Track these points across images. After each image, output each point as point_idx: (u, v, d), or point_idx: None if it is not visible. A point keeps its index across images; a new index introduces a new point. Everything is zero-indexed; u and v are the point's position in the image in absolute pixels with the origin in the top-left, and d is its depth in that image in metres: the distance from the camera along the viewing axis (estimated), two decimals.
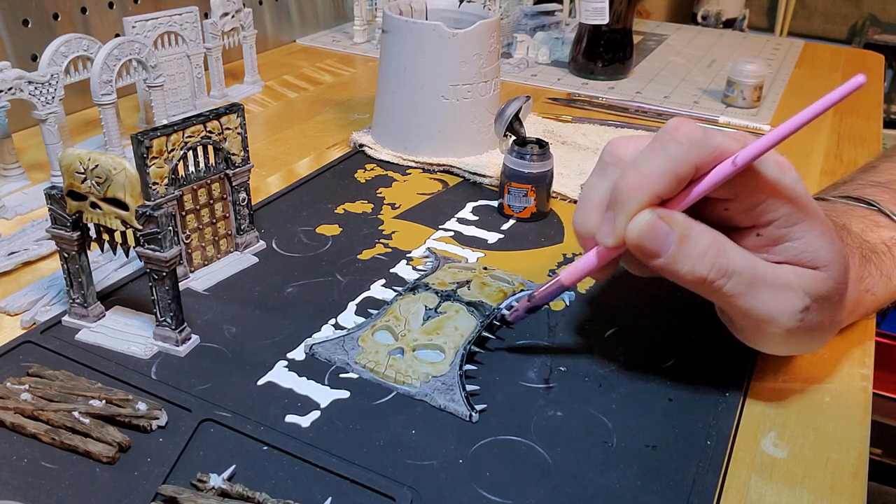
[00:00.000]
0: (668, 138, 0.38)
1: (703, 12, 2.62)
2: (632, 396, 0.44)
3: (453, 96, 0.71)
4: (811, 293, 0.40)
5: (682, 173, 0.38)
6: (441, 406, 0.43)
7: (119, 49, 0.67)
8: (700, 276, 0.39)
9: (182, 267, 0.53)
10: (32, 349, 0.46)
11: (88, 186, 0.44)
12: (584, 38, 1.02)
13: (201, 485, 0.37)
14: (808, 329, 0.41)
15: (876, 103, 0.99)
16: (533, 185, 0.63)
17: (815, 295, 0.40)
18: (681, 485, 0.38)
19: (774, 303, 0.39)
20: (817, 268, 0.40)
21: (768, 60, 1.14)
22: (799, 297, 0.40)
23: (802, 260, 0.40)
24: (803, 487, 0.39)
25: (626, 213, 0.39)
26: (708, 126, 0.40)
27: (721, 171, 0.38)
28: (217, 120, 0.51)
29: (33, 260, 0.56)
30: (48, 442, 0.39)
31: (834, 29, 2.82)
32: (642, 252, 0.39)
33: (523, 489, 0.38)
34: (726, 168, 0.38)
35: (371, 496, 0.37)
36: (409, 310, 0.49)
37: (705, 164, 0.38)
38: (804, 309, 0.40)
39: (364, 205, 0.66)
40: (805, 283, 0.40)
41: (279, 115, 0.87)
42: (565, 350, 0.48)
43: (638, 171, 0.39)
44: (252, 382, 0.44)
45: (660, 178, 0.38)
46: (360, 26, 1.14)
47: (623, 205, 0.39)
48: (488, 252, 0.59)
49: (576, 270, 0.43)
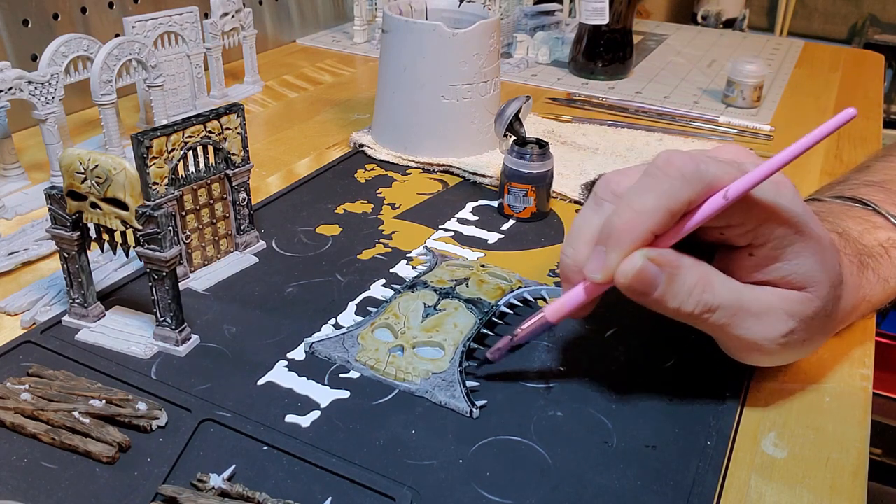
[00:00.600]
0: (660, 174, 0.38)
1: (703, 12, 2.62)
2: (632, 396, 0.44)
3: (453, 96, 0.71)
4: (796, 316, 0.40)
5: (674, 209, 0.38)
6: (442, 402, 0.43)
7: (119, 49, 0.67)
8: (686, 312, 0.39)
9: (182, 267, 0.53)
10: (32, 349, 0.46)
11: (88, 186, 0.44)
12: (584, 38, 1.02)
13: (201, 485, 0.37)
14: (797, 345, 0.42)
15: (876, 103, 0.99)
16: (533, 185, 0.63)
17: (801, 317, 0.40)
18: (681, 485, 0.39)
19: (759, 329, 0.40)
20: (804, 288, 0.40)
21: (768, 60, 1.14)
22: (783, 322, 0.40)
23: (791, 280, 0.40)
24: (803, 487, 0.39)
25: (619, 251, 0.39)
26: (699, 153, 0.39)
27: (712, 205, 0.38)
28: (217, 120, 0.51)
29: (33, 260, 0.56)
30: (48, 442, 0.39)
31: (834, 29, 2.82)
32: (632, 292, 0.39)
33: (523, 489, 0.38)
34: (717, 202, 0.38)
35: (371, 496, 0.37)
36: (408, 307, 0.49)
37: (698, 198, 0.38)
38: (788, 332, 0.40)
39: (364, 205, 0.66)
40: (790, 307, 0.40)
41: (279, 115, 0.87)
42: (565, 350, 0.48)
43: (631, 207, 0.38)
44: (252, 382, 0.44)
45: (653, 214, 0.38)
46: (360, 26, 1.14)
47: (617, 242, 0.39)
48: (488, 252, 0.59)
49: (562, 307, 0.42)
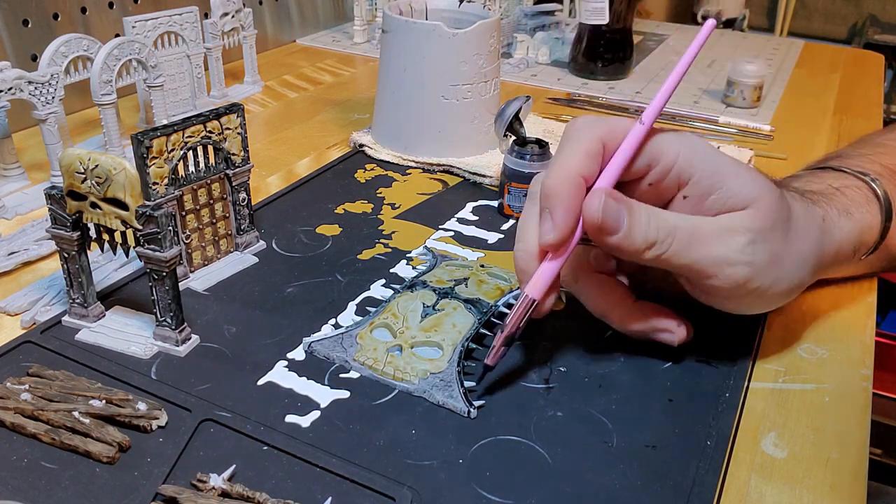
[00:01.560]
0: (570, 131, 0.42)
1: (703, 12, 2.62)
2: (632, 396, 0.44)
3: (453, 96, 0.71)
4: (750, 227, 0.41)
5: (592, 149, 0.41)
6: (439, 402, 0.43)
7: (119, 49, 0.67)
8: (651, 240, 0.41)
9: (182, 267, 0.53)
10: (32, 349, 0.46)
11: (88, 186, 0.44)
12: (584, 38, 1.02)
13: (201, 485, 0.37)
14: (769, 259, 0.42)
15: (876, 103, 0.99)
16: None
17: (755, 228, 0.42)
18: (681, 485, 0.38)
19: (720, 246, 0.41)
20: (748, 206, 0.42)
21: (768, 60, 1.14)
22: (740, 234, 0.41)
23: (732, 205, 0.42)
24: (803, 487, 0.39)
25: (561, 201, 0.41)
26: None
27: (633, 135, 0.42)
28: (217, 120, 0.51)
29: (33, 260, 0.56)
30: (48, 442, 0.39)
31: (834, 29, 2.82)
32: (602, 230, 0.41)
33: (523, 489, 0.38)
34: (637, 130, 0.42)
35: (371, 496, 0.37)
36: (407, 307, 0.49)
37: (609, 140, 0.42)
38: (750, 242, 0.41)
39: (364, 205, 0.66)
40: (742, 222, 0.42)
41: (279, 115, 0.87)
42: (565, 350, 0.48)
43: (555, 165, 0.42)
44: (252, 382, 0.44)
45: (573, 159, 0.41)
46: (360, 26, 1.14)
47: (555, 195, 0.41)
48: (488, 252, 0.59)
49: (538, 281, 0.43)
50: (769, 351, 0.48)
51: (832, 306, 0.53)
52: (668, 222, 0.41)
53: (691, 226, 0.42)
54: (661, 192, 0.43)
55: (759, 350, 0.48)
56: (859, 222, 0.48)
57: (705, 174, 0.42)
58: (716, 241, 0.41)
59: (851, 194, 0.49)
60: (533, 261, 0.43)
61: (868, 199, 0.49)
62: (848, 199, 0.49)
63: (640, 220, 0.41)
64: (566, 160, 0.41)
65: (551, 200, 0.41)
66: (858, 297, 0.54)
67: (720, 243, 0.41)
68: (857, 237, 0.49)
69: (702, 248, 0.41)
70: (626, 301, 0.47)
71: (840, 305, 0.53)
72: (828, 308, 0.52)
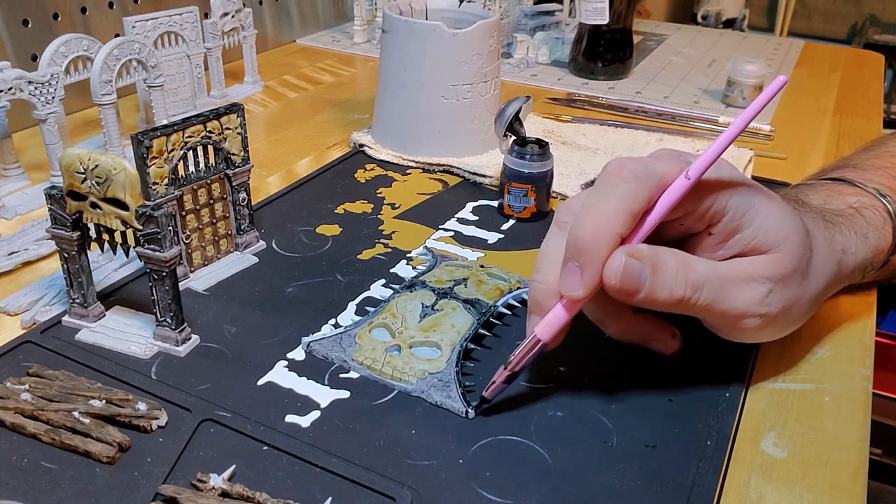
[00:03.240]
0: (615, 178, 0.39)
1: (703, 12, 2.62)
2: (632, 396, 0.44)
3: (453, 96, 0.71)
4: (770, 276, 0.41)
5: (635, 209, 0.39)
6: (437, 403, 0.43)
7: (119, 49, 0.67)
8: (678, 297, 0.40)
9: (182, 267, 0.53)
10: (32, 349, 0.46)
11: (88, 186, 0.44)
12: (584, 38, 1.02)
13: (201, 485, 0.37)
14: (782, 307, 0.42)
15: (876, 103, 0.99)
16: (533, 185, 0.63)
17: (776, 276, 0.41)
18: (681, 485, 0.39)
19: (741, 298, 0.41)
20: (771, 250, 0.41)
21: (768, 60, 1.14)
22: (760, 284, 0.41)
23: (756, 246, 0.41)
24: (803, 487, 0.39)
25: (594, 261, 0.39)
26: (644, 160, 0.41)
27: (677, 189, 0.39)
28: (217, 120, 0.51)
29: (33, 260, 0.56)
30: (48, 442, 0.39)
31: (834, 29, 2.82)
32: (622, 293, 0.39)
33: (523, 489, 0.38)
34: (681, 183, 0.39)
35: (371, 496, 0.37)
36: (406, 307, 0.49)
37: (654, 195, 0.40)
38: (768, 293, 0.41)
39: (364, 205, 0.66)
40: (762, 270, 0.41)
41: (279, 115, 0.87)
42: (565, 350, 0.48)
43: (594, 215, 0.39)
44: (252, 382, 0.44)
45: (616, 217, 0.39)
46: (360, 26, 1.15)
47: (588, 253, 0.39)
48: (488, 252, 0.59)
49: (550, 325, 0.41)
50: (769, 351, 0.48)
51: (832, 306, 0.53)
52: (698, 276, 0.40)
53: (719, 277, 0.40)
54: (690, 227, 0.42)
55: (759, 350, 0.48)
56: (874, 247, 0.48)
57: (737, 214, 0.41)
58: (736, 292, 0.41)
59: (870, 216, 0.49)
60: (551, 297, 0.41)
61: (884, 221, 0.49)
62: (867, 221, 0.49)
63: (666, 277, 0.39)
64: (608, 216, 0.39)
65: (584, 257, 0.39)
66: (858, 297, 0.54)
67: (740, 294, 0.41)
68: (869, 260, 0.49)
69: (726, 301, 0.41)
70: (625, 313, 0.45)
71: (840, 305, 0.53)
72: (828, 308, 0.52)
